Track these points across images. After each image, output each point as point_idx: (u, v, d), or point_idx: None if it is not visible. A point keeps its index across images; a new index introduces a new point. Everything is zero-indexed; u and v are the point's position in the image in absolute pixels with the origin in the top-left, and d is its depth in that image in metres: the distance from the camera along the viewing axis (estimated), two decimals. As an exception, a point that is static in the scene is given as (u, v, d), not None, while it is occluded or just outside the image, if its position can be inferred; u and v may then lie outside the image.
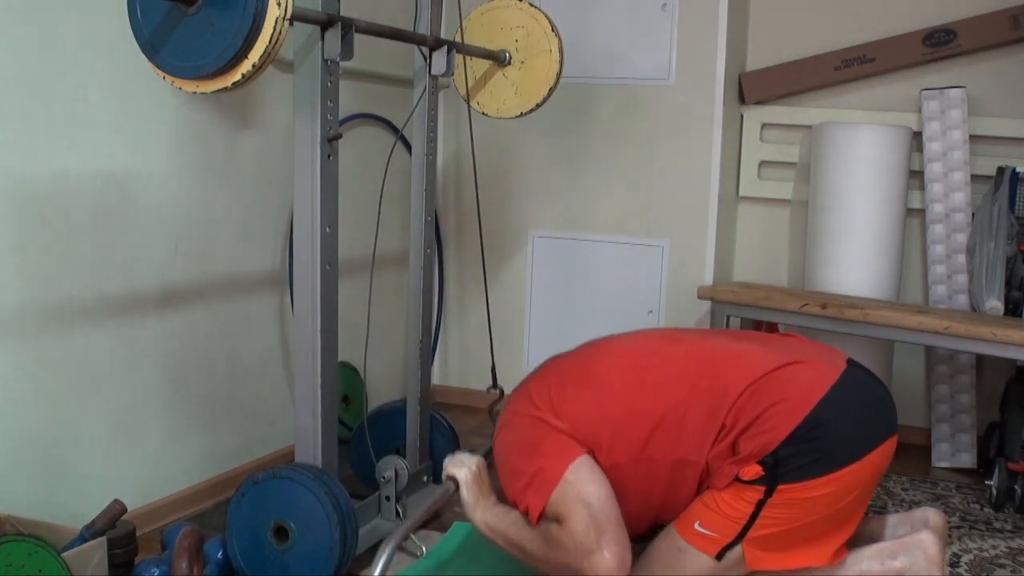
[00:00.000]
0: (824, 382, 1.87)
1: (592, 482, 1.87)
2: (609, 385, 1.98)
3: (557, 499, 1.87)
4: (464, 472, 2.05)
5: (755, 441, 1.82)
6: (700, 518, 1.87)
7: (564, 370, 2.08)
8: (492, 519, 2.00)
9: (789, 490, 1.81)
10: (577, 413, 1.94)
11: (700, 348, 2.01)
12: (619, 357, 2.05)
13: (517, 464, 1.97)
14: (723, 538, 1.85)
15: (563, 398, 1.97)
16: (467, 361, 3.96)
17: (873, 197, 3.25)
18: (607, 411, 1.94)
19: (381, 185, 2.56)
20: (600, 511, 1.84)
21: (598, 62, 3.58)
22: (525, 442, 1.98)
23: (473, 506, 2.03)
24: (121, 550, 2.21)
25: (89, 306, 2.38)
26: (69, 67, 2.27)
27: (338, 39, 2.10)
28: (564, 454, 1.90)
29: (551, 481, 1.88)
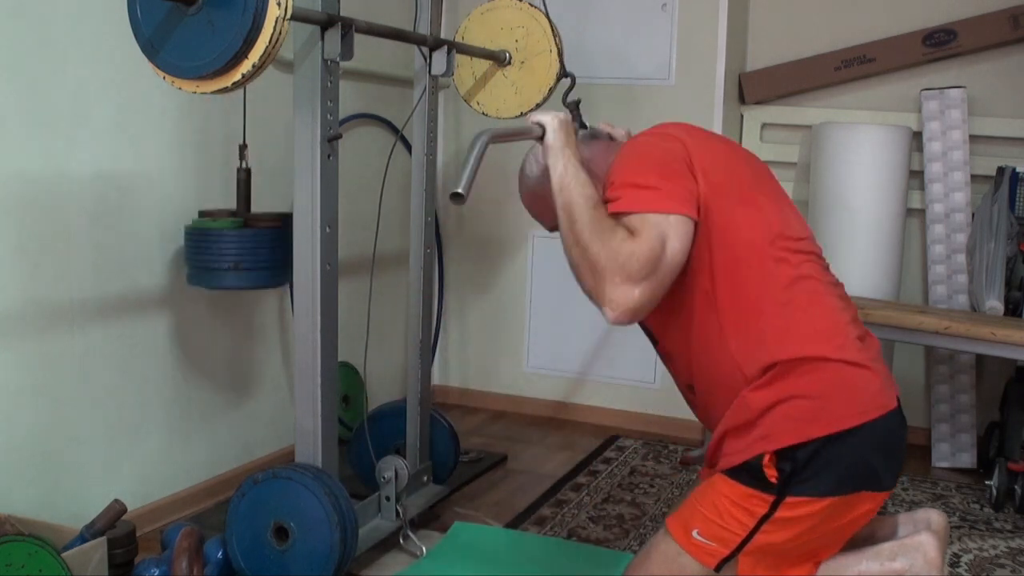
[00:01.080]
0: (883, 404, 1.78)
1: (681, 241, 1.72)
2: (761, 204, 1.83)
3: (648, 219, 1.71)
4: (551, 117, 1.88)
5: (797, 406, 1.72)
6: (699, 526, 1.82)
7: (736, 165, 1.91)
8: (573, 172, 1.81)
9: (794, 504, 1.76)
10: (724, 211, 1.79)
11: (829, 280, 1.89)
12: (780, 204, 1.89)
13: (647, 166, 1.80)
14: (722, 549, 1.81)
15: (719, 188, 1.80)
16: (467, 361, 3.96)
17: (873, 197, 3.25)
18: (744, 239, 1.79)
19: (381, 185, 2.56)
20: (666, 263, 1.70)
21: (598, 62, 3.58)
22: (670, 162, 1.80)
23: (559, 150, 1.83)
24: (121, 550, 2.21)
25: (89, 306, 2.38)
26: (69, 67, 2.27)
27: (338, 39, 2.10)
28: (688, 203, 1.74)
29: (660, 205, 1.72)
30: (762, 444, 1.74)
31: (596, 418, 3.75)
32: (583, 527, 2.72)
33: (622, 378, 3.70)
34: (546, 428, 3.70)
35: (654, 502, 2.92)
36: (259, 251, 2.49)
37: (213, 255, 2.47)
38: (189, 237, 2.51)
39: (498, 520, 2.75)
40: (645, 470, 3.21)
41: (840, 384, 1.76)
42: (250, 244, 2.48)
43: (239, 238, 2.47)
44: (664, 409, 3.55)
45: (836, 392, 1.75)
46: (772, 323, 1.77)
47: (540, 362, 3.86)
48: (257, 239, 2.49)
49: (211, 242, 2.47)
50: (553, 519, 2.77)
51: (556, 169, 1.82)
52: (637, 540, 2.62)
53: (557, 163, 1.82)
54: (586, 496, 2.95)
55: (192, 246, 2.51)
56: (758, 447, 1.74)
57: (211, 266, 2.48)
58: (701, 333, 1.83)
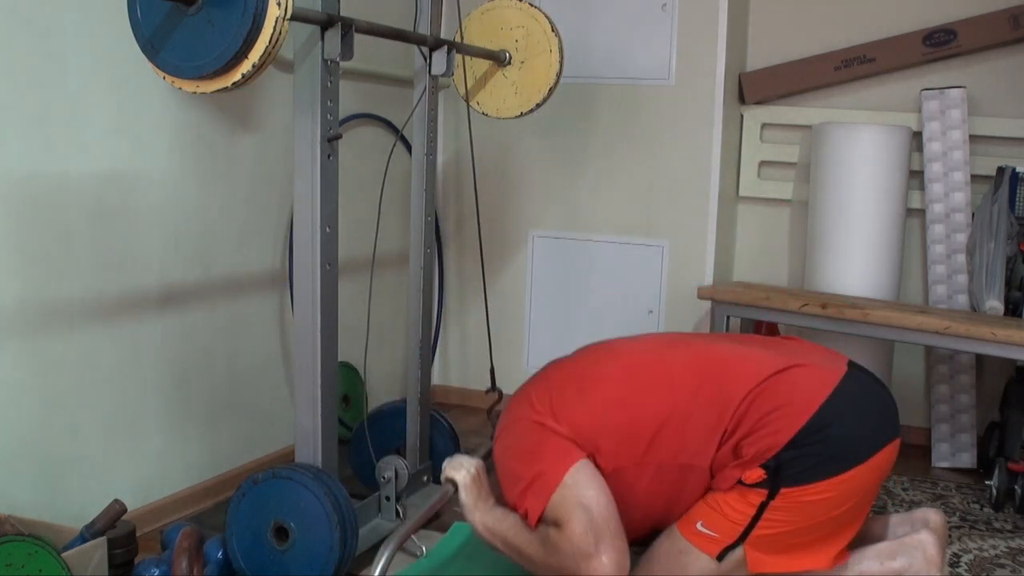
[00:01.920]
0: (826, 386, 1.87)
1: (591, 487, 1.86)
2: (610, 389, 1.97)
3: (556, 503, 1.86)
4: (463, 474, 2.05)
5: (758, 445, 1.82)
6: (703, 518, 1.87)
7: (565, 374, 2.08)
8: (491, 522, 2.00)
9: (791, 494, 1.80)
10: (578, 417, 1.94)
11: (701, 352, 2.00)
12: (620, 361, 2.04)
13: (517, 468, 1.96)
14: (725, 539, 1.85)
15: (563, 402, 1.97)
16: (467, 361, 3.96)
17: (873, 197, 3.25)
18: (608, 415, 1.94)
19: (381, 185, 2.56)
20: (599, 516, 1.83)
21: (598, 62, 3.58)
22: (525, 446, 1.97)
23: (471, 509, 2.03)
24: (121, 550, 2.21)
25: (89, 306, 2.38)
26: (69, 67, 2.27)
27: (338, 39, 2.10)
28: (564, 458, 1.90)
29: (550, 485, 1.87)
30: (740, 471, 1.86)
31: (596, 418, 3.75)
32: (583, 527, 2.71)
33: (622, 378, 3.70)
34: (546, 428, 3.69)
35: (654, 502, 2.91)
36: None
37: None
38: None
39: (498, 520, 2.74)
40: (645, 470, 3.20)
41: (780, 393, 1.86)
42: None
43: None
44: (664, 409, 3.55)
45: (782, 399, 1.85)
46: (698, 423, 1.90)
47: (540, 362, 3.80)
48: None
49: None
50: (553, 519, 2.76)
51: (476, 524, 2.03)
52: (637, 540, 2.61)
53: (474, 519, 2.03)
54: (586, 496, 2.95)
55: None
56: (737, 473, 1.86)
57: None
58: (661, 489, 1.95)
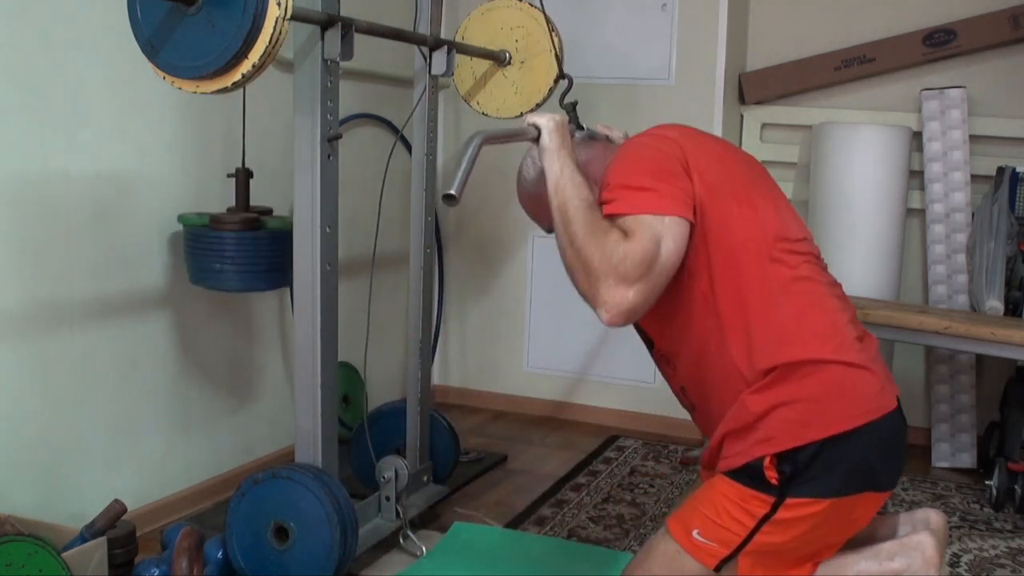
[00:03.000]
0: (882, 406, 1.77)
1: (676, 243, 1.72)
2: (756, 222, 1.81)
3: (642, 221, 1.71)
4: (547, 119, 1.88)
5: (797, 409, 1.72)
6: (700, 527, 1.82)
7: (733, 165, 1.90)
8: (568, 174, 1.81)
9: (795, 506, 1.76)
10: (721, 208, 1.79)
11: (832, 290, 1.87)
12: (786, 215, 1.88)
13: (643, 167, 1.80)
14: (722, 550, 1.81)
15: (718, 191, 1.80)
16: (467, 361, 3.96)
17: (873, 197, 3.25)
18: (742, 235, 1.78)
19: (381, 185, 2.56)
20: (661, 264, 1.70)
21: (598, 62, 3.58)
22: (664, 163, 1.80)
23: (554, 152, 1.83)
24: (121, 550, 2.21)
25: (89, 306, 2.38)
26: (69, 67, 2.27)
27: (338, 39, 2.10)
28: (683, 204, 1.74)
29: (655, 206, 1.72)
30: (762, 447, 1.74)
31: (596, 418, 3.75)
32: (583, 527, 2.72)
33: (622, 378, 3.70)
34: (546, 428, 3.70)
35: (654, 502, 2.92)
36: (226, 254, 2.46)
37: (192, 253, 2.51)
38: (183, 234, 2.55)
39: (498, 520, 2.75)
40: (645, 470, 3.21)
41: (839, 386, 1.76)
42: (220, 246, 2.46)
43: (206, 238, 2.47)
44: (664, 409, 3.55)
45: (835, 394, 1.75)
46: (771, 325, 1.76)
47: (540, 362, 3.86)
48: (223, 242, 2.46)
49: (190, 240, 2.51)
50: (553, 519, 2.77)
51: (552, 171, 1.82)
52: (637, 540, 2.62)
53: (552, 165, 1.83)
54: (586, 496, 2.95)
55: (184, 242, 2.56)
56: (758, 450, 1.74)
57: (197, 265, 2.51)
58: (699, 336, 1.82)
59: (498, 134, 1.90)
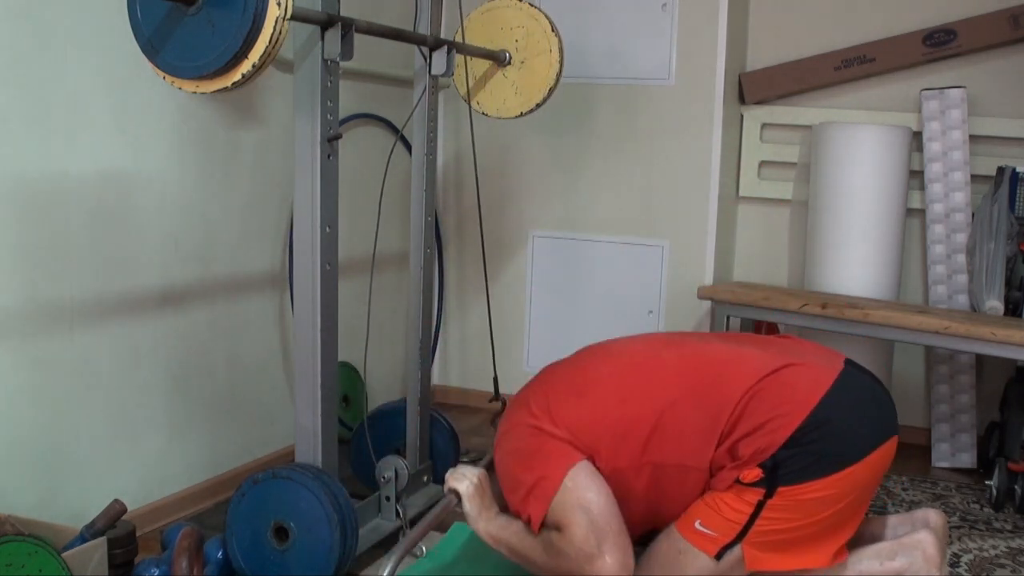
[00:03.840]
0: (822, 384, 1.87)
1: (591, 488, 1.87)
2: (605, 390, 1.98)
3: (557, 506, 1.87)
4: (466, 484, 2.06)
5: (755, 445, 1.83)
6: (700, 517, 1.88)
7: (561, 377, 2.09)
8: (495, 530, 2.01)
9: (788, 492, 1.81)
10: (575, 420, 1.95)
11: (697, 352, 2.01)
12: (616, 362, 2.05)
13: (517, 474, 1.97)
14: (722, 537, 1.86)
15: (560, 405, 1.98)
16: (467, 361, 3.96)
17: (873, 197, 3.25)
18: (604, 416, 1.94)
19: (381, 185, 2.56)
20: (600, 517, 1.84)
21: (598, 62, 3.58)
22: (524, 451, 1.98)
23: (475, 518, 2.04)
24: (121, 550, 2.21)
25: (89, 306, 2.38)
26: (69, 67, 2.27)
27: (338, 39, 2.10)
28: (562, 461, 1.90)
29: (550, 489, 1.88)
30: (737, 471, 1.86)
31: (596, 418, 3.75)
32: (583, 527, 2.71)
33: (622, 378, 3.70)
34: (546, 428, 3.69)
35: (654, 502, 2.91)
36: None
37: None
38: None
39: (498, 520, 2.74)
40: (645, 470, 3.20)
41: (775, 393, 1.87)
42: None
43: None
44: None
45: (776, 401, 1.86)
46: (694, 424, 1.91)
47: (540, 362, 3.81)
48: None
49: None
50: (553, 519, 2.76)
51: (480, 532, 2.04)
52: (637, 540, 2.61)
53: (478, 527, 2.04)
54: (586, 496, 2.95)
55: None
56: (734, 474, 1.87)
57: None
58: (660, 489, 1.96)
59: (423, 528, 2.06)
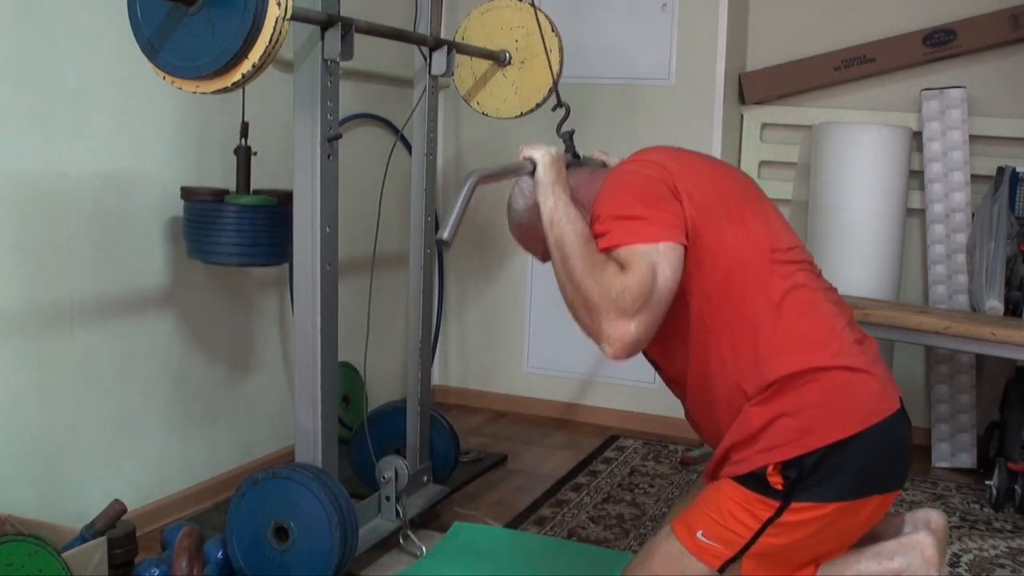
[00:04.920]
0: (883, 409, 1.78)
1: (672, 268, 1.73)
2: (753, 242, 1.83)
3: (637, 251, 1.72)
4: (542, 152, 1.88)
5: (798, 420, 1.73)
6: (704, 528, 1.82)
7: (732, 186, 1.92)
8: (563, 207, 1.82)
9: (800, 509, 1.75)
10: (713, 228, 1.80)
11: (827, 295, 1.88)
12: (781, 228, 1.90)
13: (630, 197, 1.81)
14: (726, 551, 1.81)
15: (711, 209, 1.82)
16: (467, 361, 3.96)
17: (873, 197, 3.25)
18: (730, 258, 1.80)
19: (381, 185, 2.56)
20: (659, 292, 1.71)
21: (598, 62, 3.58)
22: (653, 189, 1.81)
23: (549, 187, 1.84)
24: (121, 550, 2.21)
25: (89, 306, 2.38)
26: (69, 67, 2.27)
27: (338, 39, 2.10)
28: (674, 229, 1.76)
29: (647, 235, 1.73)
30: (766, 456, 1.75)
31: (596, 418, 3.75)
32: (583, 527, 2.72)
33: (622, 378, 3.70)
34: (546, 428, 3.70)
35: (654, 502, 2.92)
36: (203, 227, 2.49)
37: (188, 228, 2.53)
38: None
39: (498, 520, 2.75)
40: (645, 470, 3.21)
41: (840, 391, 1.77)
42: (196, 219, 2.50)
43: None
44: (664, 409, 3.55)
45: (837, 400, 1.76)
46: (768, 338, 1.77)
47: (540, 362, 3.86)
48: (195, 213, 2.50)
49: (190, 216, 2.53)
50: (553, 519, 2.77)
51: (546, 206, 1.83)
52: (637, 540, 2.62)
53: (547, 200, 1.83)
54: (586, 496, 2.95)
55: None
56: (762, 459, 1.75)
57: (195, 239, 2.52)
58: (699, 355, 1.84)
59: (495, 172, 1.89)
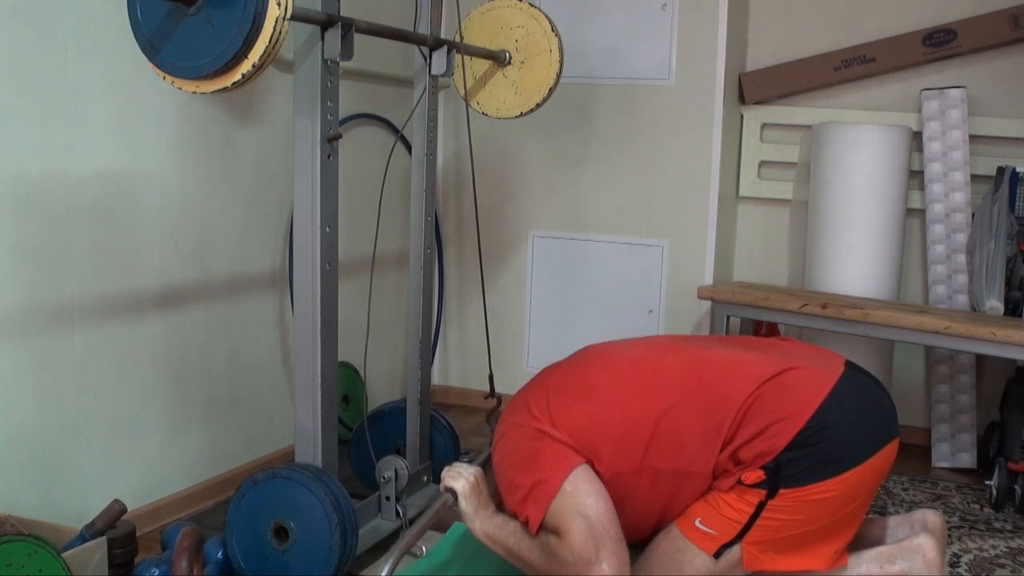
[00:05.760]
0: (823, 387, 1.87)
1: (590, 493, 1.86)
2: (605, 394, 1.98)
3: (555, 510, 1.87)
4: (462, 483, 2.04)
5: (757, 449, 1.83)
6: (701, 515, 1.88)
7: (561, 379, 2.08)
8: (491, 529, 2.00)
9: (790, 494, 1.81)
10: (575, 423, 1.94)
11: (698, 357, 2.00)
12: (615, 366, 2.05)
13: (516, 476, 1.96)
14: (722, 536, 1.86)
15: (561, 407, 1.97)
16: (467, 361, 3.96)
17: (873, 197, 3.25)
18: (604, 420, 1.94)
19: (381, 185, 2.56)
20: (598, 523, 1.83)
21: (598, 62, 3.58)
22: (523, 453, 1.97)
23: (472, 517, 2.03)
24: (121, 550, 2.21)
25: (89, 306, 2.38)
26: (69, 67, 2.27)
27: (338, 39, 2.10)
28: (562, 464, 1.90)
29: (549, 492, 1.88)
30: (739, 473, 1.87)
31: (596, 418, 3.75)
32: (583, 527, 2.71)
33: (622, 378, 3.70)
34: (546, 428, 3.69)
35: (654, 502, 2.91)
36: None
37: None
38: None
39: (498, 520, 2.74)
40: (645, 470, 3.20)
41: (775, 398, 1.87)
42: None
43: None
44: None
45: (777, 405, 1.86)
46: (695, 429, 1.90)
47: (540, 362, 3.83)
48: None
49: None
50: (553, 519, 2.76)
51: (476, 531, 2.02)
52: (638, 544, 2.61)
53: (474, 526, 2.02)
54: (586, 496, 2.95)
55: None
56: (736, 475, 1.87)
57: None
58: (661, 494, 1.95)
59: (424, 525, 2.07)
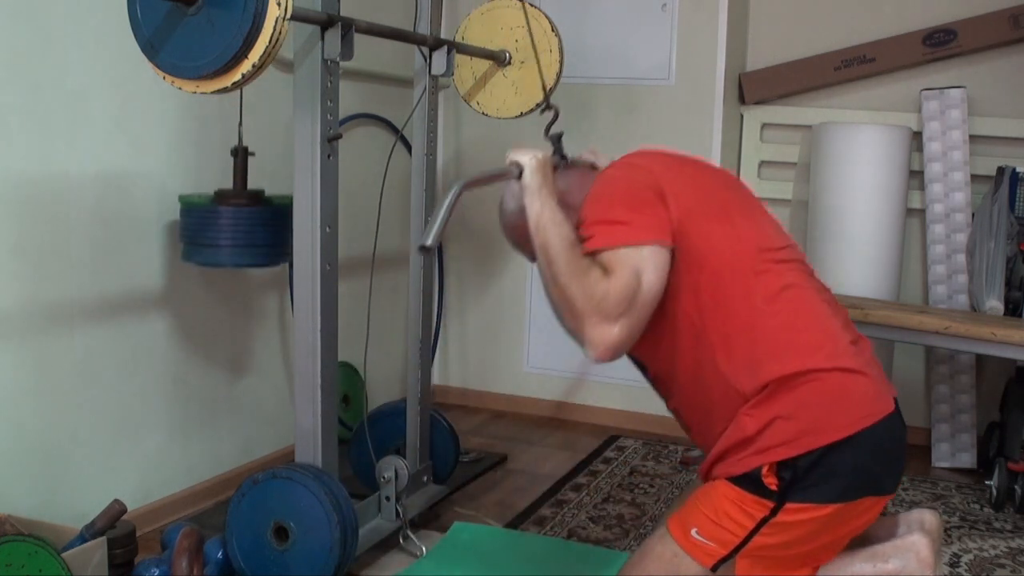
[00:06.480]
0: (877, 410, 1.78)
1: (656, 271, 1.74)
2: (743, 222, 1.84)
3: (620, 254, 1.74)
4: (529, 157, 1.88)
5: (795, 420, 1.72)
6: (698, 525, 1.82)
7: (714, 187, 1.92)
8: (548, 214, 1.82)
9: (794, 510, 1.76)
10: (699, 231, 1.80)
11: (816, 294, 1.87)
12: (772, 230, 1.91)
13: (617, 200, 1.82)
14: (720, 550, 1.81)
15: (700, 211, 1.82)
16: (467, 361, 3.96)
17: (873, 197, 3.25)
18: (719, 251, 1.80)
19: (381, 185, 2.56)
20: (642, 296, 1.72)
21: (598, 62, 3.58)
22: (637, 193, 1.82)
23: (535, 191, 1.84)
24: (121, 550, 2.21)
25: (89, 306, 2.38)
26: (69, 67, 2.28)
27: (338, 39, 2.10)
28: (659, 232, 1.77)
29: (632, 239, 1.75)
30: (761, 457, 1.75)
31: (596, 418, 3.76)
32: (583, 527, 2.72)
33: (622, 378, 3.69)
34: (546, 428, 3.70)
35: (654, 502, 2.92)
36: (227, 229, 2.47)
37: (189, 230, 2.50)
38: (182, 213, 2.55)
39: (498, 520, 2.75)
40: (645, 470, 3.21)
41: (835, 393, 1.77)
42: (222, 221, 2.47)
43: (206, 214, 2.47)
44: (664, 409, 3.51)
45: (832, 402, 1.76)
46: (761, 340, 1.78)
47: (540, 362, 3.86)
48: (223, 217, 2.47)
49: (189, 217, 2.51)
50: (553, 519, 2.77)
51: (532, 210, 1.83)
52: (637, 540, 2.62)
53: (533, 204, 1.84)
54: (586, 496, 2.95)
55: (181, 221, 2.55)
56: (756, 460, 1.75)
57: (195, 241, 2.49)
58: (690, 355, 1.83)
59: (480, 177, 1.91)
